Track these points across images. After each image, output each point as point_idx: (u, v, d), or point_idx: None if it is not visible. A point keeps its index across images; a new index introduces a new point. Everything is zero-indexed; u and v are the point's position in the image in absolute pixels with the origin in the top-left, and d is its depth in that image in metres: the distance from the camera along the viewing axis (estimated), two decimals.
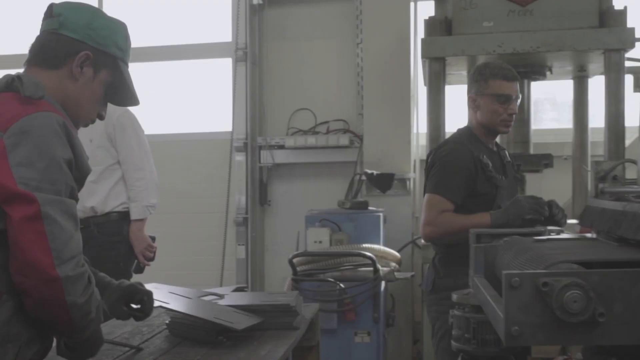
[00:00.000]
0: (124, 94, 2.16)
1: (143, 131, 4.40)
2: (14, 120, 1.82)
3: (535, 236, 2.64)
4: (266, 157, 6.22)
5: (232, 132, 6.21)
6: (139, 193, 4.27)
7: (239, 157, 6.24)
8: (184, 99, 6.52)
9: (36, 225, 1.73)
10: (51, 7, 2.07)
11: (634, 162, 2.62)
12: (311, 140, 6.06)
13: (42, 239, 1.73)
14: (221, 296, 2.70)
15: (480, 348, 2.61)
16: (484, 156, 3.39)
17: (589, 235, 2.81)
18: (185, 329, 2.49)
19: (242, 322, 2.40)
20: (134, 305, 2.26)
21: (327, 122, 6.26)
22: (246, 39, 6.23)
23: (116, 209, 4.28)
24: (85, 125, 2.11)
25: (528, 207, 3.20)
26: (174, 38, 6.51)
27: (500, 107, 3.42)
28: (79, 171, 1.93)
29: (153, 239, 4.35)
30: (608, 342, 1.77)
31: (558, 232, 2.88)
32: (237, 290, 3.03)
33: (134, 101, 2.19)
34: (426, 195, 3.42)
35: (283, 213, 6.28)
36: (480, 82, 3.48)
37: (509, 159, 3.70)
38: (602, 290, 1.75)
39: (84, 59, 2.04)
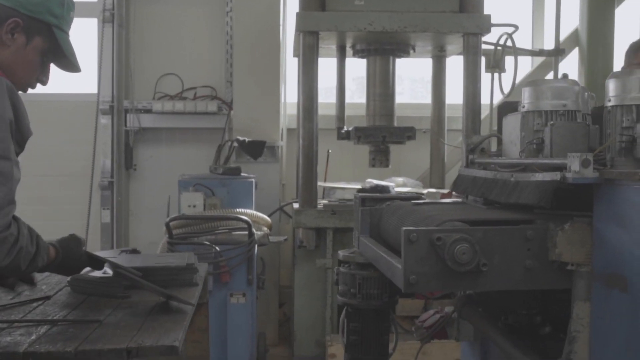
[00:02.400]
0: (63, 61, 2.20)
1: None
2: None
3: (414, 200, 2.93)
4: (132, 121, 6.19)
5: (97, 95, 6.11)
6: None
7: (104, 120, 6.15)
8: None
9: None
10: None
11: (499, 136, 2.97)
12: (179, 105, 6.10)
13: None
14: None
15: (365, 301, 2.89)
16: None
17: (458, 200, 3.15)
18: (88, 285, 2.54)
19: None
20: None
21: (194, 88, 6.31)
22: (113, 1, 6.12)
23: None
24: (24, 91, 2.15)
25: None
26: None
27: None
28: (20, 133, 1.99)
29: None
30: (489, 288, 2.08)
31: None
32: (131, 252, 3.10)
33: (73, 68, 2.24)
34: None
35: (149, 178, 6.29)
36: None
37: None
38: (485, 244, 2.05)
39: (13, 26, 2.09)
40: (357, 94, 6.65)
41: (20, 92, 2.15)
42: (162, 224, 5.33)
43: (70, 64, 2.24)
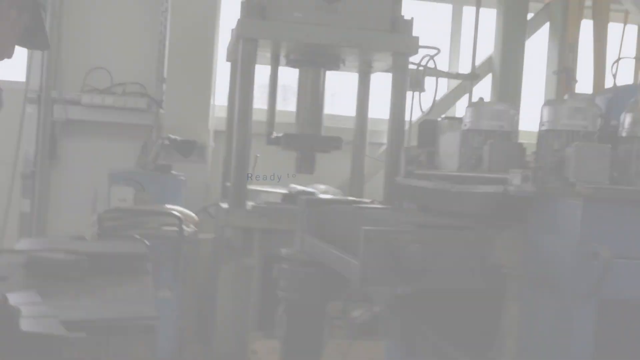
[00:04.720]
0: (38, 38, 2.27)
1: None
2: None
3: (355, 205, 3.16)
4: (59, 112, 6.15)
5: (26, 83, 6.03)
6: None
7: (29, 109, 6.08)
8: None
9: None
10: None
11: (434, 150, 3.24)
12: (109, 100, 6.10)
13: None
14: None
15: (305, 297, 3.09)
16: None
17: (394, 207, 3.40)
18: (47, 268, 2.60)
19: None
20: None
21: (123, 83, 6.34)
22: None
23: None
24: None
25: None
26: None
27: None
28: None
29: None
30: (436, 286, 2.33)
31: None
32: (77, 239, 3.17)
33: (46, 45, 2.32)
34: None
35: (72, 170, 6.25)
36: None
37: None
38: (434, 246, 2.29)
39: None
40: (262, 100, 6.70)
41: None
42: (84, 217, 5.36)
43: (45, 40, 2.30)
